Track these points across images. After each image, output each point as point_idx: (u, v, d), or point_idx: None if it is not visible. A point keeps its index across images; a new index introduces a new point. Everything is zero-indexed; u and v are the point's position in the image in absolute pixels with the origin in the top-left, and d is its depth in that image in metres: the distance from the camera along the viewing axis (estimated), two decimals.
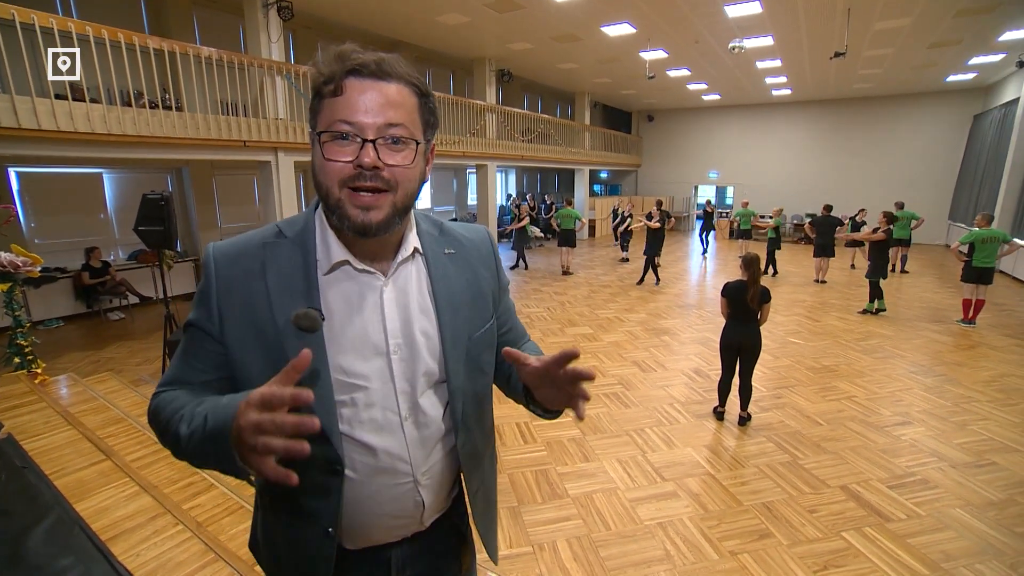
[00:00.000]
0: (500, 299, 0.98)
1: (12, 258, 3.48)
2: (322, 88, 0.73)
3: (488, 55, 11.06)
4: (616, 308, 7.41)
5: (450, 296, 0.87)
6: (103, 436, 2.81)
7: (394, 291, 0.83)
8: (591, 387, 4.49)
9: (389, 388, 0.81)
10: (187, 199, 8.50)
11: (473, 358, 0.89)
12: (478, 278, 0.92)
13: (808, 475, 3.17)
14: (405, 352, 0.82)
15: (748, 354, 3.72)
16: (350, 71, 0.71)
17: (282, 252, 0.80)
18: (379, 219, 0.74)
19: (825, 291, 8.54)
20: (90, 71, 4.64)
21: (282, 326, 0.76)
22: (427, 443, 0.86)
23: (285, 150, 6.48)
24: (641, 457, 3.38)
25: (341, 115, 0.71)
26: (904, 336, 6.05)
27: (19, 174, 6.74)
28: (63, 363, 5.18)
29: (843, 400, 4.28)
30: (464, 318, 0.87)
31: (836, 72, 11.84)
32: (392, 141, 0.72)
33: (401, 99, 0.73)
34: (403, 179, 0.75)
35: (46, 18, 4.28)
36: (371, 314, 0.81)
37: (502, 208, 15.37)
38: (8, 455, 1.26)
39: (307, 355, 0.63)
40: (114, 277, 7.10)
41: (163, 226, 4.24)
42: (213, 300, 0.79)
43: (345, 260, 0.80)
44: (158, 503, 2.14)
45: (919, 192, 14.40)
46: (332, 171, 0.72)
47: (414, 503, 0.86)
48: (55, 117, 4.31)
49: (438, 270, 0.87)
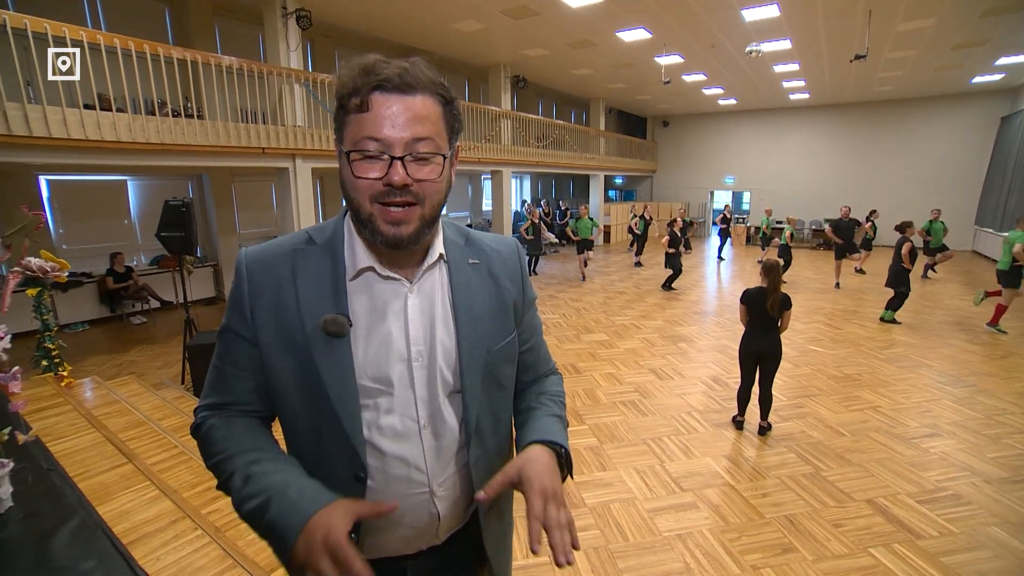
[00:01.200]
0: (524, 313, 0.97)
1: (42, 263, 3.57)
2: (347, 102, 0.73)
3: (503, 61, 11.11)
4: (632, 315, 7.35)
5: (470, 306, 0.86)
6: (125, 439, 2.85)
7: (418, 298, 0.83)
8: (609, 394, 4.42)
9: (409, 395, 0.82)
10: (207, 205, 8.67)
11: (491, 371, 0.88)
12: (501, 290, 0.91)
13: (832, 488, 3.09)
14: (426, 359, 0.82)
15: (768, 362, 3.66)
16: (375, 86, 0.72)
17: (312, 259, 0.82)
18: (409, 232, 0.76)
19: (845, 297, 8.37)
20: (117, 82, 4.77)
21: (310, 331, 0.78)
22: (444, 453, 0.86)
23: (303, 156, 6.57)
24: (659, 466, 3.33)
25: (368, 131, 0.72)
26: (930, 345, 5.89)
27: (49, 182, 6.96)
28: (88, 366, 5.30)
29: (867, 410, 4.17)
30: (483, 329, 0.87)
31: (856, 75, 11.66)
32: (419, 158, 0.74)
33: (427, 111, 0.74)
34: (430, 192, 0.77)
35: (76, 31, 4.41)
36: (395, 320, 0.82)
37: (517, 214, 15.38)
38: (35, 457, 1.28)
39: (395, 505, 0.74)
40: (136, 282, 7.26)
41: (184, 231, 4.33)
42: (246, 305, 0.81)
43: (370, 266, 0.81)
44: (177, 507, 2.16)
45: (943, 197, 14.07)
46: (362, 188, 0.74)
47: (429, 514, 0.86)
48: (83, 126, 4.44)
49: (460, 279, 0.87)
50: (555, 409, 0.94)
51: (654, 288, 9.18)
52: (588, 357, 5.55)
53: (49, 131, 4.22)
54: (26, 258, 3.52)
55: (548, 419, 0.91)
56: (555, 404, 0.96)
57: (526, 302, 0.97)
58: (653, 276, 10.32)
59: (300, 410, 0.81)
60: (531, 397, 0.98)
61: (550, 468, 0.79)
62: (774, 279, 3.57)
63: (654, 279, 9.94)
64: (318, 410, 0.79)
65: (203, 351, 4.05)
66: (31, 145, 4.21)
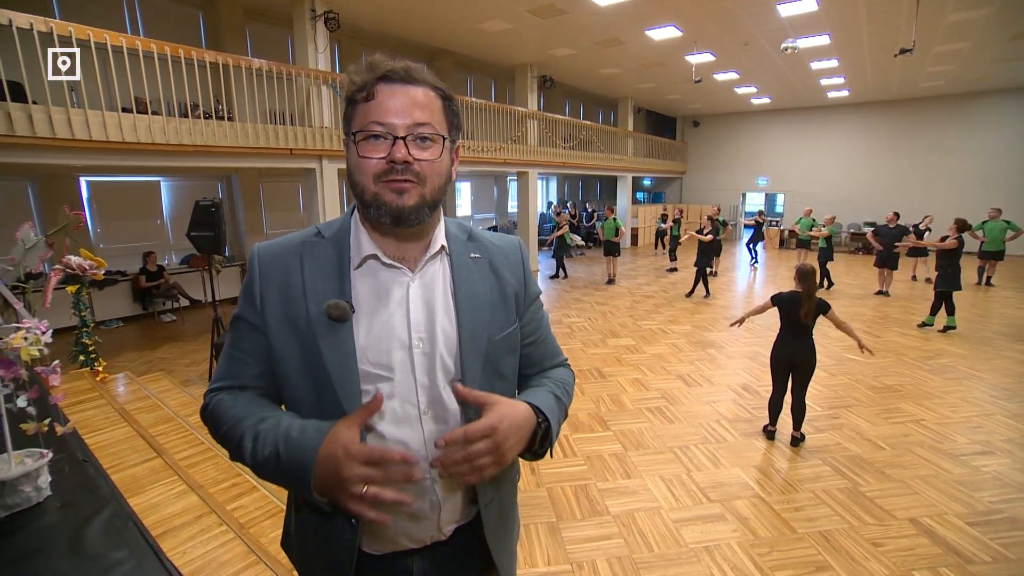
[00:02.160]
0: (525, 307, 0.99)
1: (81, 262, 3.74)
2: (356, 95, 0.80)
3: (529, 61, 11.15)
4: (660, 319, 7.26)
5: (471, 297, 0.90)
6: (155, 434, 2.96)
7: (420, 287, 0.88)
8: (634, 400, 4.37)
9: (410, 381, 0.85)
10: (235, 205, 8.93)
11: (492, 360, 0.91)
12: (502, 282, 0.95)
13: (871, 504, 2.98)
14: (427, 347, 0.86)
15: (801, 370, 3.57)
16: (381, 77, 0.79)
17: (319, 249, 0.88)
18: (411, 203, 0.80)
19: (886, 304, 8.09)
20: (153, 85, 4.97)
21: (314, 316, 0.82)
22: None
23: (329, 158, 6.71)
24: (686, 475, 3.28)
25: (374, 117, 0.79)
26: (982, 356, 5.63)
27: (89, 183, 7.29)
28: (120, 362, 5.51)
29: (909, 423, 4.02)
30: (484, 320, 0.90)
31: (901, 70, 11.26)
32: (420, 139, 0.80)
33: (427, 101, 0.81)
34: (431, 173, 0.82)
35: (117, 37, 4.62)
36: (396, 308, 0.86)
37: (543, 216, 15.38)
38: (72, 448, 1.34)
39: (380, 399, 0.74)
40: (168, 280, 7.52)
41: (213, 231, 4.47)
42: (257, 293, 0.86)
43: (373, 254, 0.86)
44: (204, 502, 2.23)
45: (995, 197, 13.33)
46: (367, 168, 0.80)
47: (430, 502, 0.88)
48: (121, 129, 4.63)
49: (461, 271, 0.91)
50: (555, 389, 0.96)
51: (682, 292, 9.06)
52: (614, 362, 5.51)
53: (90, 134, 4.43)
54: (66, 256, 3.70)
55: (544, 392, 0.93)
56: (557, 386, 0.97)
57: (528, 296, 1.00)
58: (684, 281, 10.17)
59: (304, 394, 0.85)
60: (535, 379, 1.00)
61: (517, 422, 0.81)
62: (809, 286, 3.48)
63: (685, 284, 9.79)
64: (320, 393, 0.83)
65: None
66: (74, 148, 4.43)
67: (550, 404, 0.91)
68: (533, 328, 1.01)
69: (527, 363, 1.01)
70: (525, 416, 0.83)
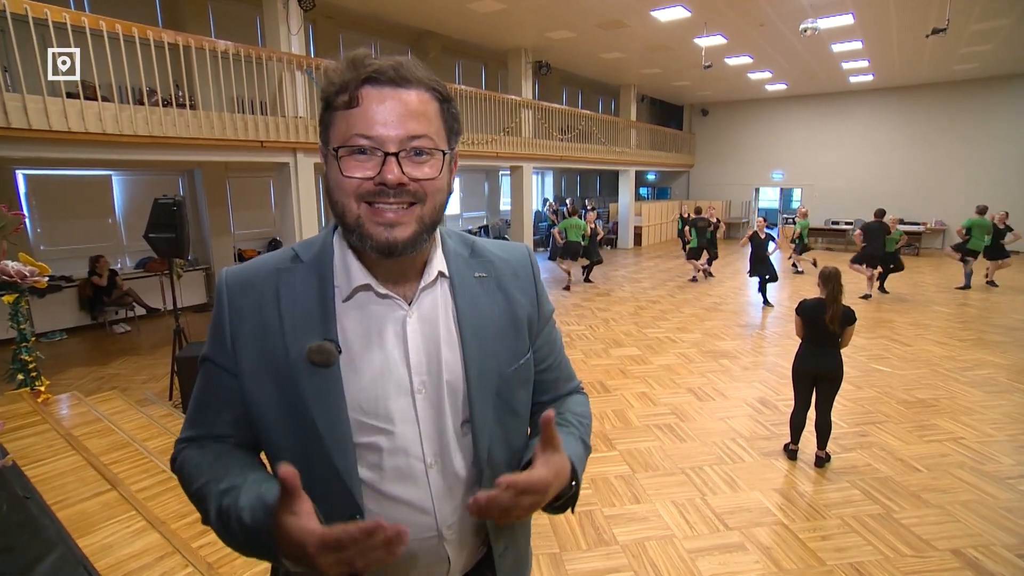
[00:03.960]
0: (539, 330, 0.96)
1: (20, 268, 3.66)
2: (334, 99, 0.74)
3: (524, 45, 11.17)
4: (667, 327, 7.28)
5: (478, 326, 0.85)
6: (108, 463, 2.89)
7: (419, 320, 0.83)
8: (641, 416, 4.36)
9: (413, 431, 0.81)
10: (199, 203, 8.85)
11: (504, 398, 0.87)
12: (513, 305, 0.91)
13: (907, 533, 2.97)
14: (431, 391, 0.82)
15: (827, 384, 3.58)
16: (366, 79, 0.72)
17: (297, 278, 0.82)
18: (405, 236, 0.74)
19: (916, 310, 8.16)
20: (103, 68, 4.90)
21: (295, 360, 0.77)
22: (454, 494, 0.85)
23: (305, 151, 6.67)
24: (700, 500, 3.28)
25: (358, 128, 0.72)
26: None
27: (26, 176, 7.14)
28: (66, 379, 5.42)
29: (946, 442, 4.03)
30: (494, 352, 0.86)
31: (932, 52, 11.32)
32: (416, 153, 0.73)
33: (423, 107, 0.74)
34: (431, 191, 0.76)
35: (59, 12, 4.55)
36: (393, 347, 0.81)
37: (538, 214, 15.40)
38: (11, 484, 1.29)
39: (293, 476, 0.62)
40: (121, 287, 7.42)
41: (175, 233, 4.42)
42: (227, 332, 0.81)
43: (367, 284, 0.80)
44: (166, 541, 2.18)
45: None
46: (350, 187, 0.73)
47: (438, 559, 0.85)
48: (66, 117, 4.55)
49: (465, 296, 0.86)
50: (580, 431, 0.93)
51: (692, 297, 9.09)
52: (618, 374, 5.50)
53: (29, 122, 4.33)
54: (3, 261, 3.62)
55: (575, 442, 0.89)
56: (580, 426, 0.94)
57: (542, 317, 0.96)
58: (697, 287, 10.20)
59: (287, 446, 0.81)
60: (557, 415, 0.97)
61: (561, 481, 0.78)
62: (832, 289, 3.50)
63: (694, 289, 9.83)
64: (307, 445, 0.79)
65: (193, 364, 4.10)
66: (8, 137, 4.32)
67: (580, 457, 0.88)
68: (547, 352, 0.98)
69: (540, 389, 0.98)
70: (567, 475, 0.80)
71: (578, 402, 1.01)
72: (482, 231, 14.02)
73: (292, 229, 6.74)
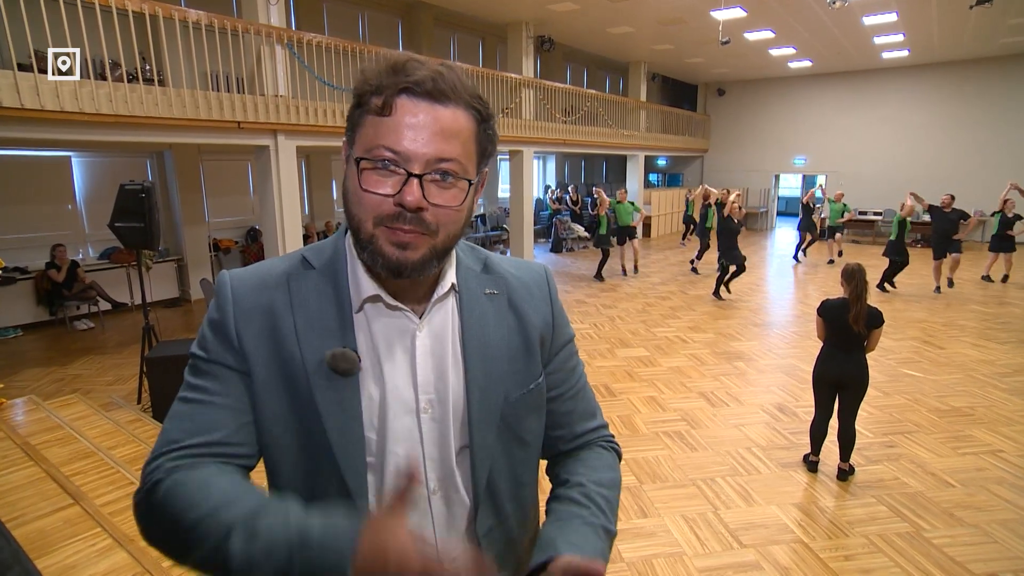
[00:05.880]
0: (553, 354, 0.96)
1: None
2: (368, 100, 0.74)
3: (525, 18, 11.13)
4: (677, 326, 7.30)
5: (483, 345, 0.86)
6: (69, 474, 2.89)
7: (429, 336, 0.84)
8: (649, 422, 4.38)
9: (417, 454, 0.82)
10: (169, 188, 8.83)
11: (510, 424, 0.87)
12: (524, 324, 0.91)
13: (938, 554, 2.98)
14: (437, 411, 0.83)
15: (850, 391, 3.59)
16: (404, 88, 0.72)
17: (310, 284, 0.83)
18: (415, 259, 0.75)
19: (950, 309, 8.19)
20: (59, 38, 4.81)
21: (313, 368, 0.78)
22: (457, 523, 0.86)
23: (286, 133, 6.63)
24: (712, 514, 3.30)
25: (386, 140, 0.72)
26: None
27: None
28: (22, 380, 5.41)
29: (983, 455, 4.04)
30: (500, 373, 0.86)
31: (975, 24, 11.22)
32: (442, 175, 0.74)
33: (457, 127, 0.75)
34: (447, 221, 0.76)
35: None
36: (401, 363, 0.82)
37: (539, 202, 15.39)
38: None
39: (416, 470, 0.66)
40: (83, 280, 7.39)
41: (143, 222, 4.39)
42: (231, 330, 0.80)
43: (376, 295, 0.81)
44: (135, 560, 2.18)
45: None
46: (369, 205, 0.74)
47: None
48: (18, 92, 4.46)
49: (472, 312, 0.87)
50: (599, 517, 0.86)
51: (704, 293, 9.11)
52: (624, 377, 5.52)
53: None
54: None
55: (590, 533, 0.83)
56: (606, 507, 0.89)
57: (556, 339, 0.96)
58: (702, 279, 10.22)
59: (293, 462, 0.81)
60: (569, 482, 0.92)
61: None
62: (856, 287, 3.51)
63: (703, 282, 9.84)
64: (317, 462, 0.79)
65: (165, 364, 4.10)
66: None
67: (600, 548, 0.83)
68: (562, 379, 0.97)
69: (554, 423, 0.96)
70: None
71: (604, 465, 0.96)
72: (478, 220, 14.00)
73: (272, 217, 6.72)
